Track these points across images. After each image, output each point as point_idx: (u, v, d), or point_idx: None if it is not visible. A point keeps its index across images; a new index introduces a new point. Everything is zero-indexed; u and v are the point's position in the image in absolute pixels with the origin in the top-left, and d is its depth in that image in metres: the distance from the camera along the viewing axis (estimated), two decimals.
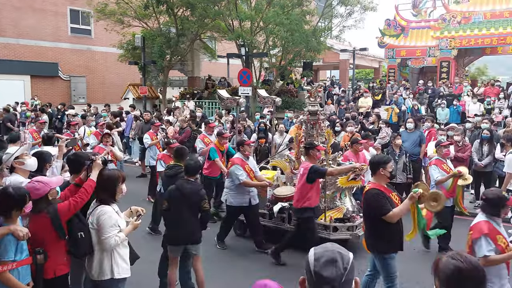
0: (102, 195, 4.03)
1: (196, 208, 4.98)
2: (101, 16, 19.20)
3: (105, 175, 4.10)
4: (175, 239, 5.11)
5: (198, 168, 5.27)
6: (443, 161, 6.91)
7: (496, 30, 18.90)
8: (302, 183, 5.98)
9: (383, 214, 4.44)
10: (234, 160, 6.88)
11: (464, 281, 1.92)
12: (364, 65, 30.40)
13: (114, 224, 3.91)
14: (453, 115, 15.47)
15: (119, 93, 23.26)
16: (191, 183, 5.08)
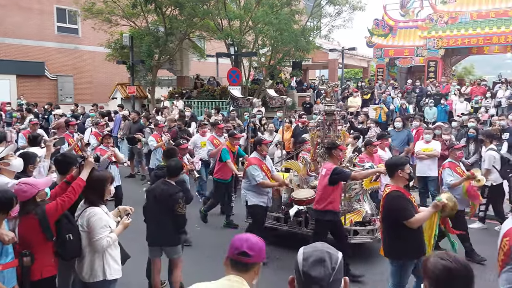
0: (91, 196, 4.00)
1: (169, 211, 4.84)
2: (88, 15, 19.01)
3: (95, 176, 4.06)
4: (150, 240, 5.10)
5: (179, 169, 5.15)
6: (456, 164, 6.71)
7: (482, 30, 19.14)
8: (324, 185, 5.73)
9: (406, 218, 4.22)
10: (251, 160, 6.58)
11: (453, 281, 1.93)
12: (353, 65, 30.57)
13: (105, 225, 3.88)
14: (440, 114, 15.61)
15: (107, 93, 23.06)
16: (168, 184, 4.98)
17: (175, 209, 4.81)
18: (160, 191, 4.94)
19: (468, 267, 1.98)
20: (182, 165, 5.29)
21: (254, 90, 18.49)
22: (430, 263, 1.99)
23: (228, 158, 7.92)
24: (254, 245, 2.19)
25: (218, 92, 19.66)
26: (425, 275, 2.01)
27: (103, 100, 22.61)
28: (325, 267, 1.60)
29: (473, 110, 15.45)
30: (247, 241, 2.20)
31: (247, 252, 2.15)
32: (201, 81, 21.60)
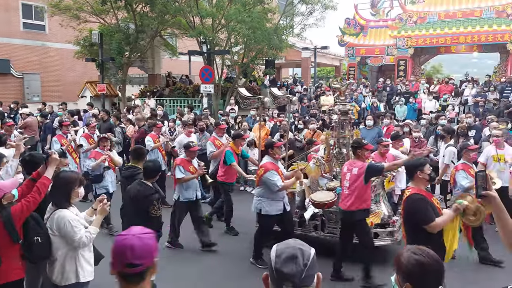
0: (55, 197, 3.88)
1: (143, 213, 4.75)
2: (55, 11, 18.46)
3: (61, 177, 3.94)
4: None
5: (156, 170, 5.06)
6: (470, 166, 6.49)
7: (449, 30, 19.67)
8: (359, 185, 5.54)
9: (426, 222, 4.07)
10: (267, 166, 6.14)
11: (427, 275, 1.98)
12: (326, 63, 30.91)
13: (77, 225, 3.78)
14: (409, 112, 15.98)
15: (76, 91, 22.50)
16: (143, 186, 4.89)
17: (149, 211, 4.72)
18: (135, 192, 4.85)
19: (440, 261, 2.04)
20: (159, 166, 5.17)
21: (227, 88, 18.42)
22: (403, 258, 2.03)
23: (233, 161, 7.69)
24: (140, 252, 1.88)
25: (191, 90, 19.48)
26: (398, 269, 2.05)
27: (72, 98, 22.06)
28: (297, 264, 1.60)
29: (441, 108, 15.86)
30: (131, 250, 1.87)
31: (134, 263, 1.87)
32: (173, 79, 21.36)
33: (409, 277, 1.99)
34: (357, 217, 5.62)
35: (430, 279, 1.98)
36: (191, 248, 6.90)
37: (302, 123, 11.70)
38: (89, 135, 9.53)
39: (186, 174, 6.71)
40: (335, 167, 6.82)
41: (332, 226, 6.43)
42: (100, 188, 7.28)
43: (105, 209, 4.01)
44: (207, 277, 5.95)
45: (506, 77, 17.57)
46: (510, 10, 18.77)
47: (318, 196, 6.30)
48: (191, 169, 6.81)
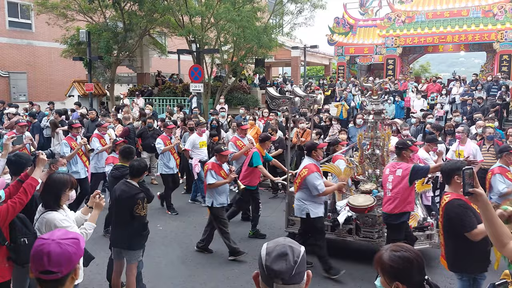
0: (45, 198, 3.82)
1: (128, 212, 4.70)
2: (42, 9, 18.27)
3: (52, 178, 3.86)
4: (112, 241, 5.02)
5: (142, 169, 4.95)
6: (507, 169, 6.21)
7: (437, 29, 19.85)
8: (404, 187, 5.35)
9: (467, 230, 3.81)
10: (311, 167, 5.83)
11: (412, 269, 2.01)
12: (315, 62, 30.97)
13: (67, 224, 3.71)
14: (397, 110, 16.11)
15: (63, 90, 22.26)
16: (129, 185, 4.82)
17: (134, 210, 4.67)
18: (120, 192, 4.79)
19: (419, 253, 2.09)
20: (145, 165, 5.05)
21: (216, 87, 18.39)
22: (386, 258, 2.04)
23: (260, 163, 7.41)
24: (58, 259, 1.80)
25: (180, 89, 19.41)
26: (383, 271, 2.05)
27: (60, 98, 21.84)
28: (287, 261, 1.61)
29: (429, 106, 16.00)
30: (48, 257, 1.79)
31: (50, 270, 1.80)
32: (162, 78, 21.25)
33: (396, 275, 2.00)
34: (400, 220, 5.42)
35: (415, 273, 2.01)
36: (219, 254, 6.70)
37: (292, 122, 11.70)
38: (100, 136, 8.99)
39: (218, 179, 6.41)
40: (367, 169, 6.55)
41: (368, 230, 6.13)
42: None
43: (101, 204, 3.96)
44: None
45: (492, 76, 17.79)
46: (496, 10, 19.00)
47: (357, 200, 5.98)
48: (222, 173, 6.52)
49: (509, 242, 2.50)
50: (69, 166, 7.71)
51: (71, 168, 7.88)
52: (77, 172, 7.96)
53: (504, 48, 18.75)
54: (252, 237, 7.43)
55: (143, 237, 4.90)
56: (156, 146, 9.10)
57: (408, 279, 1.99)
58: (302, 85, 21.88)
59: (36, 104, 16.78)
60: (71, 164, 7.90)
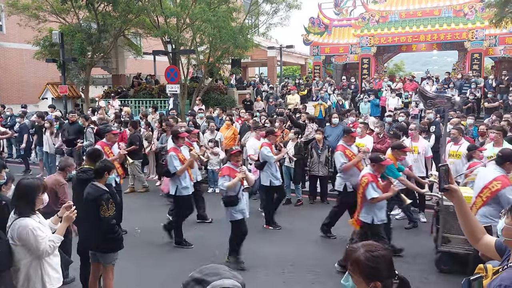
0: (19, 205, 3.75)
1: (94, 214, 4.66)
2: (13, 10, 17.84)
3: (23, 183, 3.81)
4: (84, 244, 5.02)
5: (102, 169, 4.87)
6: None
7: (410, 29, 20.23)
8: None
9: None
10: (504, 181, 5.18)
11: (387, 265, 2.03)
12: (291, 62, 31.15)
13: (40, 234, 3.67)
14: (372, 109, 16.36)
15: (36, 93, 21.79)
16: (94, 187, 4.78)
17: (99, 212, 4.64)
18: (86, 194, 4.76)
19: (386, 248, 2.12)
20: (107, 166, 4.95)
21: (193, 88, 18.31)
22: (363, 258, 2.02)
23: (399, 175, 6.57)
24: None
25: (156, 90, 19.25)
26: (361, 271, 2.03)
27: (33, 100, 21.36)
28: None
29: (403, 105, 16.29)
30: None
31: None
32: (139, 80, 21.02)
33: (375, 275, 2.01)
34: None
35: (390, 270, 2.04)
36: None
37: (269, 122, 11.74)
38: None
39: (379, 192, 5.73)
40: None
41: None
42: (237, 213, 6.12)
43: (71, 217, 3.91)
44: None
45: (462, 74, 18.24)
46: (467, 9, 19.48)
47: None
48: (380, 185, 5.85)
49: (483, 237, 2.58)
50: (177, 181, 6.91)
51: (181, 184, 6.92)
52: (187, 187, 7.01)
53: (475, 47, 19.24)
54: None
55: (114, 240, 4.81)
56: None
57: (385, 277, 2.02)
58: (279, 85, 22.03)
59: (8, 107, 16.40)
60: (180, 179, 6.93)
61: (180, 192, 6.93)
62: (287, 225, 8.19)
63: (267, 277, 5.95)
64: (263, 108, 17.28)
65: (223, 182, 6.07)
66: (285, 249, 6.94)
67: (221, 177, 6.15)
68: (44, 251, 3.68)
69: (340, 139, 9.89)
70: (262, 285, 5.70)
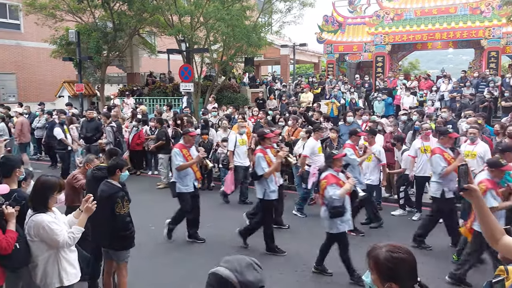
0: (33, 201, 3.83)
1: (108, 212, 4.68)
2: (30, 9, 18.14)
3: (41, 180, 3.87)
4: (98, 241, 5.04)
5: (113, 167, 4.90)
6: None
7: (425, 27, 20.00)
8: None
9: None
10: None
11: (409, 272, 2.03)
12: (304, 60, 31.05)
13: (56, 227, 3.72)
14: (387, 107, 16.24)
15: (53, 91, 22.14)
16: (108, 185, 4.82)
17: (114, 209, 4.67)
18: (100, 192, 4.78)
19: (411, 252, 2.10)
20: (119, 164, 4.96)
21: (207, 86, 18.39)
22: (382, 258, 2.03)
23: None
24: None
25: (170, 88, 19.39)
26: (378, 270, 2.05)
27: (50, 98, 21.68)
28: (256, 269, 1.63)
29: (418, 103, 16.15)
30: None
31: None
32: (153, 78, 21.21)
33: (392, 276, 2.01)
34: None
35: (411, 275, 2.03)
36: None
37: (283, 120, 11.78)
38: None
39: (498, 200, 5.25)
40: None
41: None
42: (343, 224, 5.76)
43: (91, 208, 3.95)
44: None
45: (479, 73, 17.99)
46: (483, 7, 19.21)
47: None
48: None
49: (502, 237, 2.52)
50: (265, 184, 6.65)
51: (269, 187, 6.65)
52: (274, 191, 6.75)
53: (492, 45, 18.95)
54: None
55: (127, 238, 4.85)
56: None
57: (403, 281, 2.00)
58: (292, 83, 22.00)
59: (26, 105, 16.70)
60: (267, 182, 6.65)
61: (268, 195, 6.67)
62: (301, 224, 8.21)
63: (281, 275, 5.98)
64: (276, 106, 17.29)
65: (335, 191, 5.60)
66: (299, 248, 6.95)
67: (329, 186, 5.64)
68: (65, 243, 3.73)
69: None
70: (275, 283, 5.73)
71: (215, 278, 1.62)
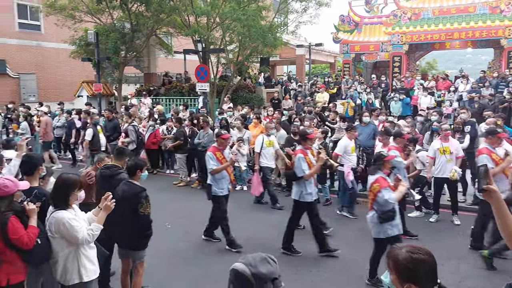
0: (54, 198, 3.92)
1: (132, 212, 4.69)
2: (51, 10, 18.48)
3: (61, 178, 3.96)
4: (116, 241, 5.06)
5: (133, 167, 4.93)
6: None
7: (444, 26, 19.74)
8: None
9: None
10: None
11: (429, 273, 2.03)
12: (320, 60, 30.94)
13: (76, 224, 3.80)
14: (403, 108, 16.09)
15: (72, 91, 22.52)
16: (130, 185, 4.83)
17: (138, 209, 4.69)
18: (122, 192, 4.79)
19: (432, 254, 2.09)
20: (138, 164, 5.00)
21: (222, 86, 18.48)
22: (402, 258, 2.03)
23: None
24: None
25: (187, 89, 19.55)
26: (397, 270, 2.05)
27: (69, 98, 22.05)
28: (271, 263, 1.73)
29: (436, 104, 15.95)
30: None
31: None
32: (169, 78, 21.40)
33: (411, 277, 2.01)
34: None
35: (430, 276, 2.03)
36: None
37: (299, 120, 11.77)
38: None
39: None
40: None
41: None
42: (393, 228, 5.45)
43: (109, 206, 4.01)
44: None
45: (498, 73, 17.69)
46: (503, 6, 18.88)
47: None
48: None
49: None
50: (302, 186, 6.53)
51: (305, 189, 6.52)
52: (311, 193, 6.60)
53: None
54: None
55: (147, 237, 4.90)
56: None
57: (422, 282, 2.00)
58: (307, 83, 21.95)
59: (46, 104, 17.02)
60: (305, 184, 6.52)
61: (304, 197, 6.54)
62: None
63: (295, 275, 6.00)
64: (291, 106, 17.28)
65: (390, 194, 5.36)
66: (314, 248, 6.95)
67: (383, 189, 5.37)
68: (84, 239, 3.79)
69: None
70: (290, 283, 5.74)
71: (233, 273, 1.76)
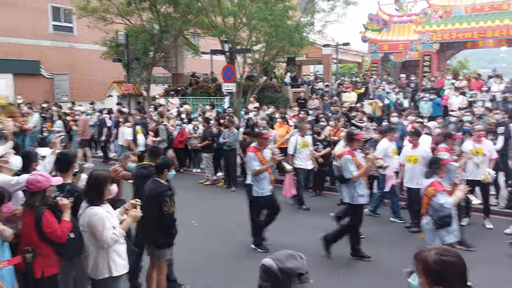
0: (89, 195, 4.02)
1: (157, 210, 4.74)
2: (83, 13, 18.99)
3: (93, 175, 4.08)
4: (143, 239, 5.12)
5: (161, 166, 4.98)
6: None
7: (476, 24, 19.18)
8: None
9: None
10: None
11: (459, 276, 2.00)
12: (347, 60, 30.63)
13: (106, 224, 3.89)
14: (434, 108, 15.74)
15: (103, 91, 23.06)
16: (156, 183, 4.89)
17: (162, 208, 4.74)
18: (149, 190, 4.87)
19: (462, 256, 2.05)
20: (166, 162, 5.07)
21: (248, 86, 18.56)
22: (431, 260, 2.00)
23: None
24: None
25: (213, 89, 19.72)
26: (426, 273, 2.01)
27: (100, 98, 22.59)
28: (298, 259, 1.80)
29: (468, 104, 15.53)
30: None
31: None
32: (196, 78, 21.65)
33: (441, 280, 1.97)
34: None
35: (460, 279, 1.99)
36: None
37: (325, 120, 11.72)
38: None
39: None
40: None
41: None
42: (450, 235, 5.27)
43: (136, 216, 4.10)
44: None
45: None
46: None
47: None
48: None
49: None
50: (353, 188, 6.40)
51: (357, 192, 6.40)
52: (363, 195, 6.51)
53: None
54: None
55: (171, 236, 4.95)
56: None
57: (451, 285, 1.96)
58: (334, 83, 21.79)
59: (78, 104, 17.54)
60: (354, 186, 6.39)
61: (357, 200, 6.42)
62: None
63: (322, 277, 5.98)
64: (318, 106, 17.19)
65: (447, 199, 5.12)
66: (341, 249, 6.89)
67: (439, 193, 5.15)
68: (106, 241, 3.86)
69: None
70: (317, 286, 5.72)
71: (261, 268, 1.85)
